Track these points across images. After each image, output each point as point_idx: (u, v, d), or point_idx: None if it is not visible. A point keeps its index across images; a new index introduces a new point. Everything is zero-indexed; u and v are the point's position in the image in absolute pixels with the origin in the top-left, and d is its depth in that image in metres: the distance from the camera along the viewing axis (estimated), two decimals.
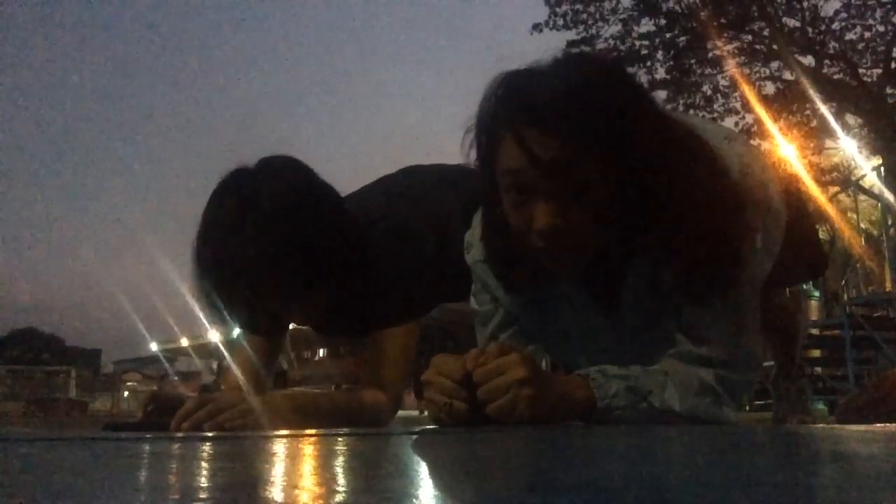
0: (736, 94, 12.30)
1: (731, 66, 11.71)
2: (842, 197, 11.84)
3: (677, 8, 11.62)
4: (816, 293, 9.20)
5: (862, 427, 1.05)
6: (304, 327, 1.46)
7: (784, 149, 12.17)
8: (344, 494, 0.38)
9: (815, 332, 7.62)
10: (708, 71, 12.24)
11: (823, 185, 12.09)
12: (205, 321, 1.45)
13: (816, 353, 7.64)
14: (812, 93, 10.48)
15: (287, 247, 1.18)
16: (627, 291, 1.07)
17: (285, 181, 1.23)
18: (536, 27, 12.01)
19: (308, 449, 0.70)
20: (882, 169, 8.82)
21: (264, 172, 1.24)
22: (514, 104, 0.96)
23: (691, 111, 12.45)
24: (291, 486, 0.41)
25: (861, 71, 11.28)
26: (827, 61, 11.42)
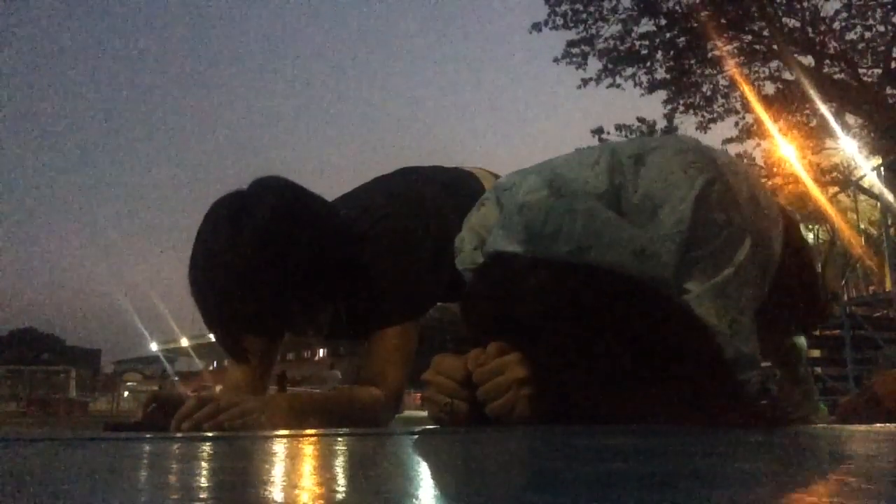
0: (736, 94, 12.31)
1: (731, 66, 11.71)
2: (842, 197, 11.83)
3: (677, 8, 11.61)
4: None
5: (862, 427, 1.05)
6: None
7: (784, 149, 12.17)
8: (344, 494, 0.38)
9: (815, 332, 7.62)
10: (708, 71, 12.24)
11: (823, 185, 12.09)
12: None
13: (816, 353, 7.64)
14: (812, 93, 10.49)
15: (281, 271, 1.18)
16: None
17: (276, 208, 1.22)
18: (536, 26, 12.01)
19: (308, 449, 0.70)
20: (882, 169, 8.81)
21: (255, 199, 1.23)
22: None
23: (691, 111, 12.46)
24: (291, 486, 0.41)
25: (861, 71, 11.28)
26: (827, 61, 11.42)
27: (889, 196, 7.58)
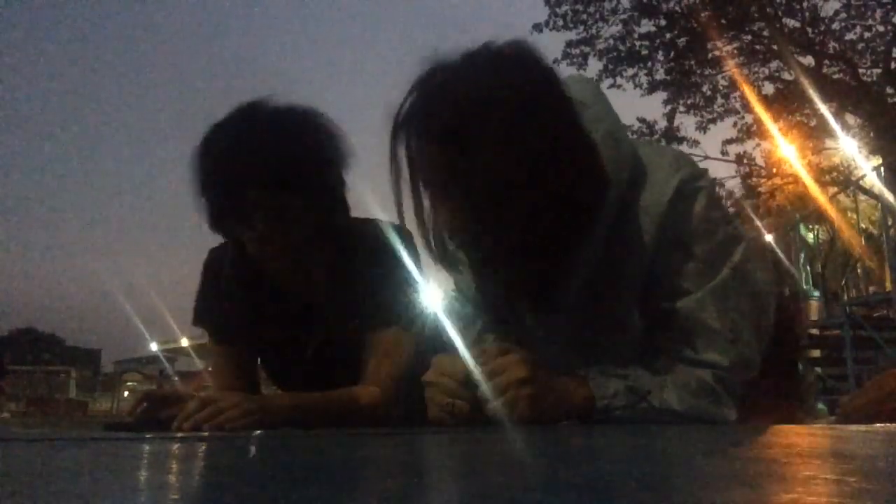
0: (736, 94, 12.30)
1: (731, 67, 11.70)
2: (842, 197, 11.83)
3: (677, 8, 11.61)
4: (816, 293, 9.19)
5: (862, 427, 1.05)
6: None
7: (784, 149, 12.15)
8: (344, 494, 0.38)
9: (815, 332, 7.61)
10: (708, 71, 12.23)
11: (823, 185, 12.08)
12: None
13: (816, 353, 7.64)
14: (812, 93, 10.48)
15: (291, 136, 1.28)
16: (562, 292, 1.08)
17: (292, 109, 1.32)
18: (536, 27, 11.99)
19: (308, 449, 0.70)
20: (882, 169, 8.80)
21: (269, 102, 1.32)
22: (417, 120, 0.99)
23: (691, 112, 12.45)
24: (291, 485, 0.41)
25: (861, 71, 11.27)
26: (827, 61, 11.41)
27: (889, 196, 7.58)
